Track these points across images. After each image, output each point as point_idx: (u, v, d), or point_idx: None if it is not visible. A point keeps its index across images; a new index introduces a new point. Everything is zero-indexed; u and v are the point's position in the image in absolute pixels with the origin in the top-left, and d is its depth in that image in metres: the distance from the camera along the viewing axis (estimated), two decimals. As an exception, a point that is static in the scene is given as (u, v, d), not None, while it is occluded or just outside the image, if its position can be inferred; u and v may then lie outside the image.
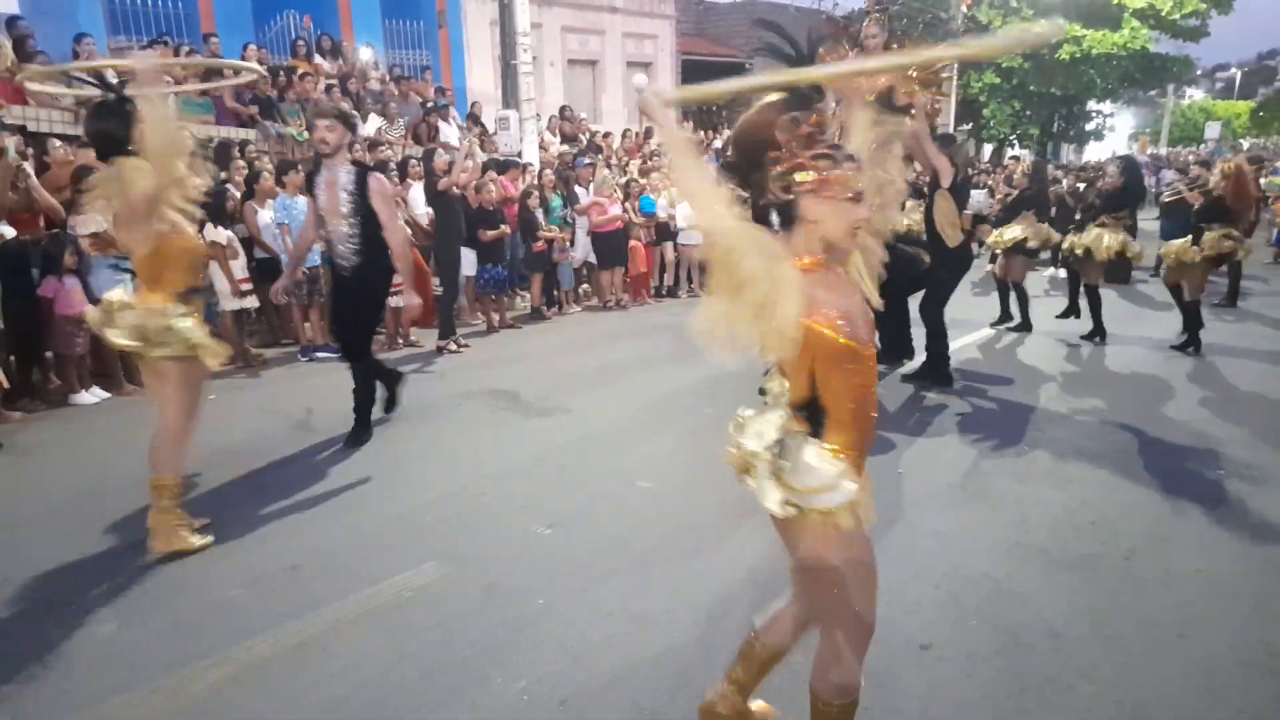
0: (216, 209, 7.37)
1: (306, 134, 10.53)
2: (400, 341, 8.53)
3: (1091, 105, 27.61)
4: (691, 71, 22.68)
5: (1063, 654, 3.20)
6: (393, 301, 8.40)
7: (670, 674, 3.06)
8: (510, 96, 12.06)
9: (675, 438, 5.69)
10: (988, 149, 28.35)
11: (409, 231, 7.66)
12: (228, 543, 4.09)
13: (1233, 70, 72.40)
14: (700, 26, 24.77)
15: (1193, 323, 8.07)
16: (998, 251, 8.99)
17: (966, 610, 3.50)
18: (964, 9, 22.76)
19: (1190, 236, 8.08)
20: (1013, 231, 8.62)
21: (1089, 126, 28.55)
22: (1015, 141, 27.54)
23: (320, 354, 7.96)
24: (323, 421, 6.02)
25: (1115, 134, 37.23)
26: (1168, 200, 12.56)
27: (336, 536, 4.21)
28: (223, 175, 8.48)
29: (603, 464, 5.20)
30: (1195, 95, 56.49)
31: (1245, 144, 44.57)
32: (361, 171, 5.22)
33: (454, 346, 8.30)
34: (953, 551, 4.01)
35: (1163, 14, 22.76)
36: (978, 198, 17.03)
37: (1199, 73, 42.97)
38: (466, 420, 6.16)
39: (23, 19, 9.65)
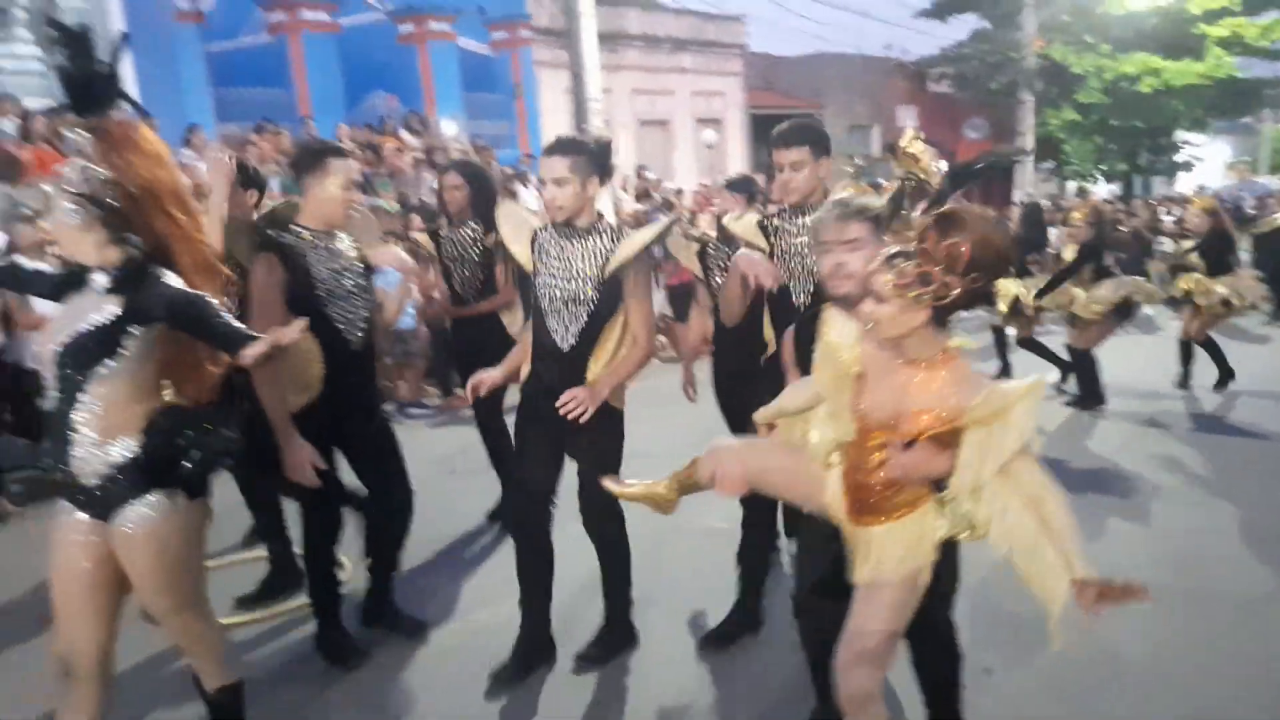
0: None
1: (397, 206, 11.20)
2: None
3: (1180, 136, 26.73)
4: (762, 124, 23.06)
5: (1126, 684, 3.22)
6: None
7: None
8: (585, 159, 12.52)
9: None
10: (1070, 186, 27.61)
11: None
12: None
13: (1334, 92, 69.01)
14: (768, 80, 25.18)
15: None
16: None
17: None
18: (1035, 48, 22.46)
19: None
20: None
21: (1177, 158, 27.60)
22: (1099, 177, 26.60)
23: (412, 410, 8.37)
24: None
25: (1206, 164, 35.57)
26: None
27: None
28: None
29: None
30: (1294, 120, 54.09)
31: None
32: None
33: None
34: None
35: (1247, 40, 22.12)
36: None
37: (1295, 96, 41.12)
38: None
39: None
